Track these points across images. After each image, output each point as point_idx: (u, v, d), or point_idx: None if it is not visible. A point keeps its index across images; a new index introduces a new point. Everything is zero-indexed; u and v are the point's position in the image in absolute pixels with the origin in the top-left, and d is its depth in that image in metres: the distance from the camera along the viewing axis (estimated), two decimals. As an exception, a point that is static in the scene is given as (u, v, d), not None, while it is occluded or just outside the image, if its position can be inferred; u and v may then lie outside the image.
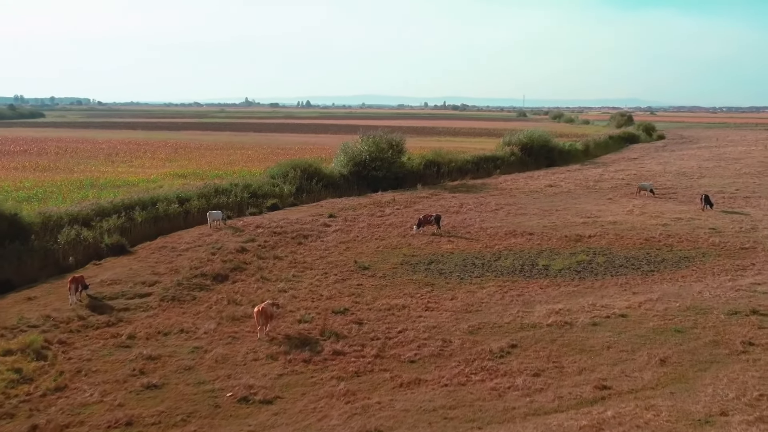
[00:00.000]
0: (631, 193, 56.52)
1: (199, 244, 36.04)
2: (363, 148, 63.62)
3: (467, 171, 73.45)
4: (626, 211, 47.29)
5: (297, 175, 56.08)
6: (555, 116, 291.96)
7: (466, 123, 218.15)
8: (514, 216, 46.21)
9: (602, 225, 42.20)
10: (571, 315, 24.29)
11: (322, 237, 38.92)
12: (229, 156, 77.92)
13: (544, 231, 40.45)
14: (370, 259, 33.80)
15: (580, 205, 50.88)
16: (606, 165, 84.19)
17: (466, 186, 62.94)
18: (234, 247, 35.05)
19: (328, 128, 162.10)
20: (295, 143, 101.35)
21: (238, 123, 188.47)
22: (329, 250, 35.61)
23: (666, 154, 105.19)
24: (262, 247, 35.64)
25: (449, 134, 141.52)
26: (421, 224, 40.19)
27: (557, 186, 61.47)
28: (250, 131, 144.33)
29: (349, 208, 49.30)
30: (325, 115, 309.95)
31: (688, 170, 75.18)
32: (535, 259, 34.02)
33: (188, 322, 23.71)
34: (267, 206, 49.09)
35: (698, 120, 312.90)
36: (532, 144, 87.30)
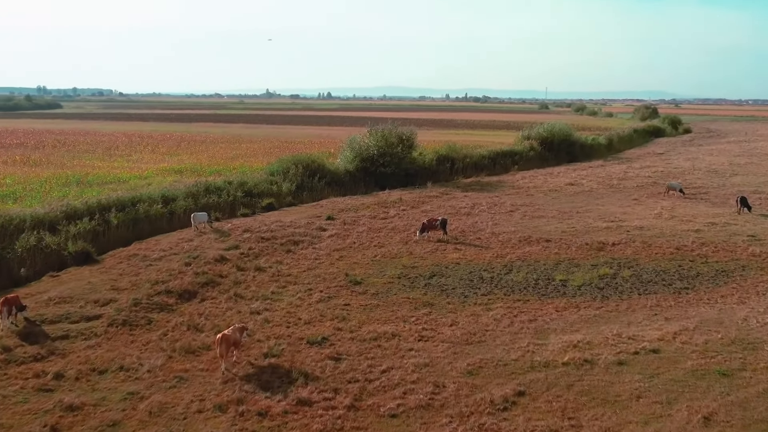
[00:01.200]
0: (658, 193, 52.19)
1: (175, 251, 32.27)
2: (371, 143, 59.65)
3: (483, 167, 69.31)
4: (654, 215, 43.02)
5: (298, 171, 52.25)
6: (577, 108, 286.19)
7: (486, 115, 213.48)
8: (530, 219, 42.10)
9: (627, 231, 37.99)
10: (593, 350, 20.22)
11: (314, 243, 35.02)
12: (234, 150, 74.24)
13: (563, 237, 36.32)
14: (364, 271, 29.87)
15: (603, 206, 46.65)
16: (630, 161, 79.54)
17: (480, 184, 58.78)
18: (213, 255, 31.23)
19: (345, 120, 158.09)
20: (306, 136, 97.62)
21: (253, 114, 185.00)
22: (320, 260, 31.70)
23: (693, 149, 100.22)
24: (245, 256, 31.79)
25: (468, 127, 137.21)
26: (425, 229, 36.23)
27: (578, 184, 57.15)
28: (264, 123, 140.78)
29: (351, 208, 45.36)
30: (345, 107, 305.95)
31: (719, 167, 70.50)
32: (552, 272, 29.95)
33: (133, 355, 19.88)
34: (262, 206, 45.28)
35: (724, 113, 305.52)
36: (552, 138, 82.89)
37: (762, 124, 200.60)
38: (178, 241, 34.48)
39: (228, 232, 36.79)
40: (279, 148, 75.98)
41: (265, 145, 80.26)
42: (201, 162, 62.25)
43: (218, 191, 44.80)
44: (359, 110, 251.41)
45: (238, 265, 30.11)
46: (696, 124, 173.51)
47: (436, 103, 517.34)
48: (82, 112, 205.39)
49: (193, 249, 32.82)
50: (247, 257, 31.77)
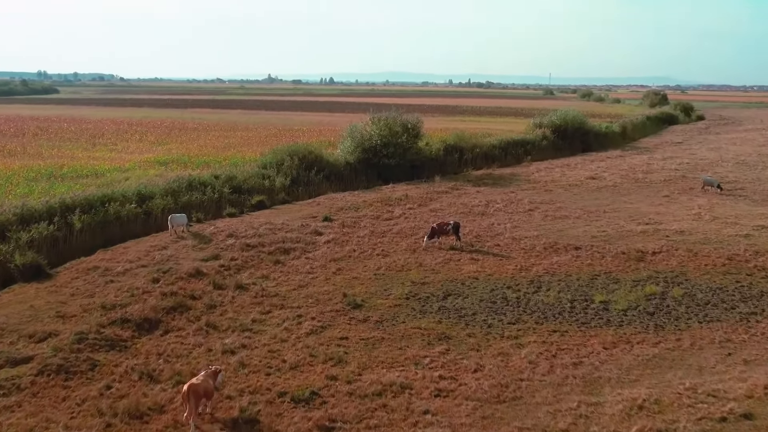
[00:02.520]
0: (690, 189, 47.37)
1: (144, 263, 27.48)
2: (373, 132, 54.68)
3: (493, 157, 64.48)
4: (692, 215, 38.17)
5: (293, 164, 47.41)
6: (584, 94, 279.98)
7: (491, 101, 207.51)
8: (552, 220, 37.27)
9: (666, 235, 33.19)
10: (665, 413, 15.45)
11: (308, 251, 30.23)
12: (227, 138, 69.22)
13: (594, 244, 31.51)
14: (365, 289, 25.10)
15: (631, 204, 41.80)
16: (650, 151, 74.53)
17: (493, 177, 53.86)
18: (188, 268, 26.45)
19: (346, 106, 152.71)
20: (306, 123, 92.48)
21: (252, 100, 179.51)
22: (313, 274, 26.90)
23: (712, 137, 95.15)
24: (225, 269, 27.02)
25: (474, 114, 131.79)
26: (434, 234, 31.46)
27: (600, 178, 52.22)
28: (263, 109, 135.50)
29: (351, 207, 40.51)
30: (347, 93, 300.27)
31: (747, 158, 65.51)
32: (588, 290, 25.18)
33: (59, 423, 15.04)
34: (251, 204, 40.44)
35: (732, 99, 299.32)
36: (566, 126, 77.99)
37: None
38: (149, 249, 29.67)
39: (209, 237, 32.00)
40: (276, 136, 70.94)
41: (262, 132, 75.22)
42: (190, 152, 57.27)
43: (202, 187, 39.98)
44: (361, 96, 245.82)
45: (216, 281, 25.28)
46: (706, 110, 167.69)
47: (440, 88, 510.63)
48: (77, 97, 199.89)
49: (166, 259, 28.02)
50: (227, 270, 26.97)
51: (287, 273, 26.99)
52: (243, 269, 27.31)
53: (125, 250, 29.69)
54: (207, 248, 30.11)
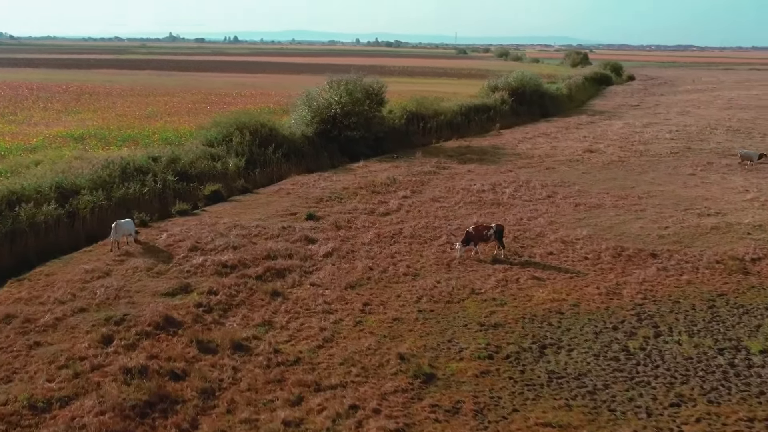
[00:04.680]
0: (708, 164, 41.22)
1: (81, 304, 18.74)
2: (332, 99, 46.08)
3: (457, 125, 56.93)
4: (749, 201, 31.93)
5: (245, 140, 38.53)
6: (500, 54, 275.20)
7: (409, 61, 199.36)
8: (586, 210, 30.20)
9: (747, 232, 26.79)
10: None
11: (309, 272, 22.06)
12: (148, 105, 58.97)
13: (669, 248, 24.74)
14: (420, 340, 17.28)
15: (660, 186, 35.18)
16: (615, 116, 68.78)
17: (473, 150, 46.35)
18: (152, 314, 17.90)
19: (264, 66, 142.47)
20: (228, 85, 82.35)
21: (161, 60, 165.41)
22: (334, 314, 18.80)
23: (664, 99, 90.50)
24: (206, 311, 18.59)
25: (403, 75, 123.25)
26: (470, 241, 23.53)
27: (598, 151, 45.42)
28: (175, 70, 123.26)
29: (331, 195, 32.33)
30: (255, 52, 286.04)
31: (732, 124, 59.98)
32: (724, 328, 18.16)
33: None
34: (204, 195, 31.59)
35: (640, 59, 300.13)
36: (524, 89, 71.40)
37: (691, 70, 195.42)
38: (85, 278, 20.78)
39: (166, 252, 23.33)
40: (205, 103, 61.27)
41: (186, 98, 65.18)
42: (109, 123, 47.28)
43: (140, 175, 30.92)
44: (272, 55, 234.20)
45: (199, 339, 16.78)
46: (630, 70, 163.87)
47: (350, 47, 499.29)
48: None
49: (114, 296, 19.27)
50: (209, 314, 18.50)
51: (296, 314, 18.69)
52: (230, 309, 18.85)
53: (49, 281, 20.70)
54: (168, 272, 21.44)
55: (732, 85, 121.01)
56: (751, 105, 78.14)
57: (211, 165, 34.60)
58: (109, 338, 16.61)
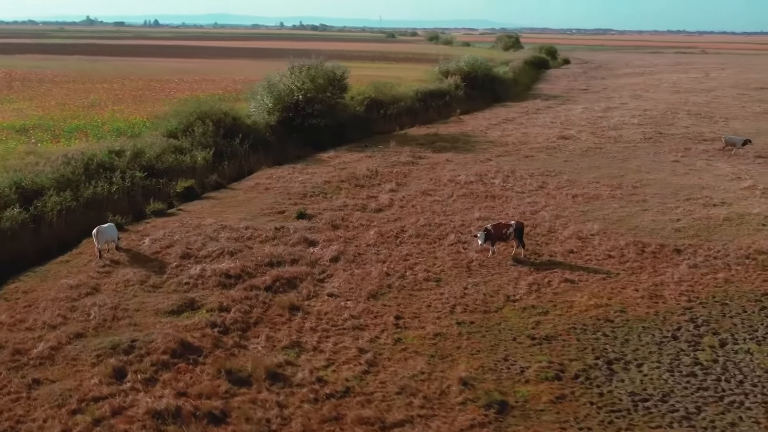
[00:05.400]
0: (686, 149, 40.35)
1: (77, 329, 16.26)
2: (294, 85, 43.63)
3: (416, 112, 55.17)
4: (745, 187, 31.03)
5: (209, 130, 35.87)
6: (431, 37, 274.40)
7: (339, 45, 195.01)
8: (585, 201, 28.96)
9: (762, 223, 25.50)
10: None
11: (321, 280, 20.02)
12: (89, 93, 55.12)
13: (689, 242, 23.76)
14: (473, 359, 15.38)
15: (648, 173, 34.25)
16: (569, 101, 68.21)
17: (442, 138, 44.67)
18: (165, 339, 15.59)
19: (195, 51, 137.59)
20: (167, 71, 78.34)
21: (86, 44, 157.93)
22: (366, 330, 16.86)
23: (608, 83, 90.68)
24: (222, 333, 16.39)
25: (336, 59, 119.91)
26: (489, 238, 21.73)
27: (572, 138, 44.29)
28: (102, 54, 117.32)
29: (316, 191, 30.14)
30: (180, 36, 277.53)
31: (690, 108, 59.81)
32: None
33: None
34: (176, 192, 28.98)
35: (564, 42, 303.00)
36: (476, 74, 69.90)
37: (620, 53, 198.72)
38: (71, 295, 18.17)
39: (155, 260, 20.83)
40: (148, 89, 57.81)
41: (127, 85, 61.44)
42: (50, 113, 43.70)
43: (106, 172, 28.04)
44: (198, 39, 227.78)
45: (229, 370, 14.54)
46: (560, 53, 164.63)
47: (277, 31, 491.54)
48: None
49: (112, 317, 16.79)
50: (227, 336, 16.27)
51: (324, 332, 16.58)
52: (249, 329, 16.61)
53: (30, 300, 18.02)
54: (164, 285, 19.00)
55: (667, 68, 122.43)
56: (697, 89, 78.59)
57: (179, 159, 31.96)
58: (122, 371, 14.20)
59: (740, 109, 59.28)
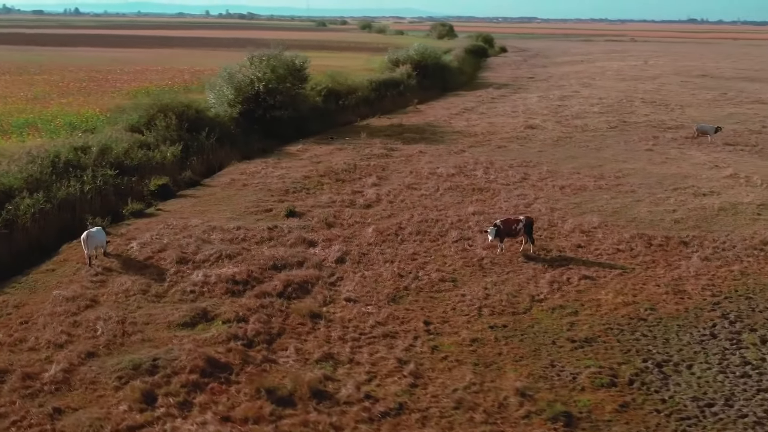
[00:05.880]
0: (654, 137, 40.45)
1: (87, 346, 14.94)
2: (255, 76, 42.17)
3: (371, 102, 54.31)
4: (727, 176, 31.20)
5: (172, 124, 34.17)
6: (363, 26, 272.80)
7: (271, 34, 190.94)
8: (574, 192, 28.72)
9: (757, 213, 25.79)
10: None
11: (332, 283, 19.10)
12: (29, 85, 52.23)
13: (692, 233, 23.57)
14: (514, 365, 14.79)
15: (625, 162, 34.29)
16: (522, 88, 68.42)
17: (408, 129, 43.92)
18: (189, 356, 14.59)
19: (126, 40, 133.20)
20: (104, 61, 75.18)
21: (7, 33, 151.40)
22: (395, 338, 15.98)
23: (553, 70, 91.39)
24: (246, 345, 15.31)
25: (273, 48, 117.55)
26: (498, 234, 20.99)
27: (539, 127, 44.03)
28: (29, 44, 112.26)
29: (298, 187, 29.02)
30: (104, 25, 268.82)
31: (645, 96, 60.34)
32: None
33: None
34: (151, 191, 27.40)
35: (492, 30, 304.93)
36: (426, 63, 69.33)
37: (552, 41, 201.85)
38: (67, 307, 16.72)
39: (149, 266, 19.40)
40: (94, 81, 55.22)
41: (70, 77, 58.48)
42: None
43: (75, 170, 26.25)
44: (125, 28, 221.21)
45: (269, 388, 13.41)
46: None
47: (203, 20, 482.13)
48: None
49: (120, 334, 15.48)
50: (252, 348, 15.15)
51: (355, 342, 15.62)
52: (275, 341, 15.49)
53: (24, 315, 16.47)
54: (168, 294, 17.67)
55: (603, 56, 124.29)
56: (642, 77, 79.69)
57: (148, 155, 30.21)
58: (151, 395, 12.91)
59: (691, 96, 60.05)
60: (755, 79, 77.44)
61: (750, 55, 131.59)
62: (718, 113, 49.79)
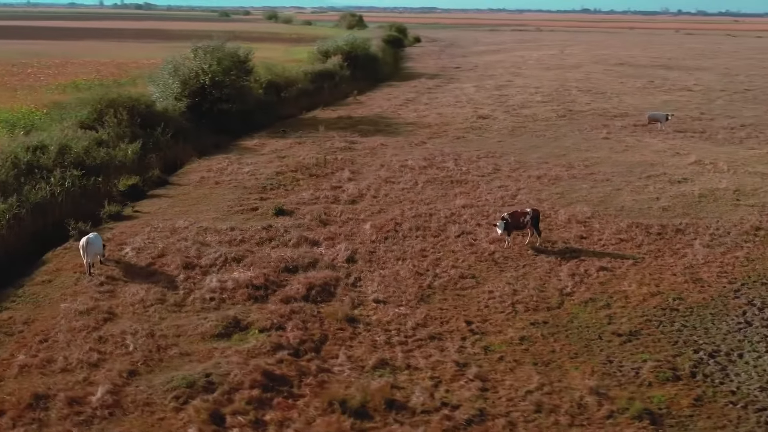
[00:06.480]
0: (603, 126, 41.10)
1: (121, 375, 13.72)
2: (200, 68, 40.67)
3: (309, 93, 53.43)
4: (692, 162, 31.90)
5: (124, 119, 32.49)
6: (269, 16, 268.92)
7: (175, 24, 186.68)
8: (551, 183, 28.96)
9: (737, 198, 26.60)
10: None
11: (353, 285, 18.43)
12: (-60, 80, 48.88)
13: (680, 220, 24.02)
14: (573, 363, 14.50)
15: (588, 151, 34.85)
16: (455, 79, 68.79)
17: (361, 121, 43.42)
18: (239, 371, 13.75)
19: (31, 32, 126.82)
20: (14, 54, 71.08)
21: None
22: (452, 344, 15.47)
23: (475, 60, 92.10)
24: (293, 355, 14.56)
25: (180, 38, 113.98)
26: (507, 227, 20.77)
27: (492, 118, 44.16)
28: None
29: (274, 183, 28.16)
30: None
31: (579, 85, 61.40)
32: None
33: None
34: (120, 191, 25.96)
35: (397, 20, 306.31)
36: (356, 53, 68.76)
37: (460, 31, 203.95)
38: (86, 322, 15.44)
39: (155, 273, 18.21)
40: (14, 75, 52.05)
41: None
42: None
43: (39, 171, 24.56)
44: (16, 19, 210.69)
45: (341, 400, 12.69)
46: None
47: (98, 10, 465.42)
48: None
49: (154, 349, 14.50)
50: (300, 358, 14.41)
51: (403, 346, 15.07)
52: (321, 349, 14.77)
53: (40, 332, 15.12)
54: (188, 302, 16.65)
55: (517, 46, 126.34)
56: (564, 65, 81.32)
57: (110, 153, 28.56)
58: (217, 414, 11.98)
59: (620, 84, 61.49)
60: (671, 67, 79.99)
61: (654, 43, 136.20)
62: (652, 101, 51.05)
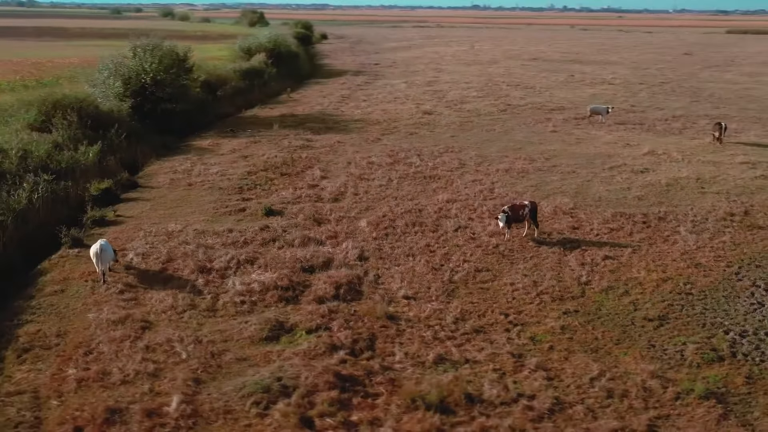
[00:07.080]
0: (546, 119, 42.47)
1: (187, 384, 13.39)
2: (142, 67, 39.55)
3: (242, 91, 52.94)
4: (645, 153, 33.24)
5: (74, 121, 31.36)
6: (165, 13, 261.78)
7: (67, 22, 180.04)
8: (520, 176, 29.68)
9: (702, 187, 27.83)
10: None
11: (378, 284, 18.41)
12: None
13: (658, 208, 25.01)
14: (619, 349, 15.00)
15: (542, 144, 35.78)
16: (380, 75, 69.13)
17: (307, 119, 43.22)
18: (321, 381, 13.52)
19: None
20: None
21: None
22: (499, 336, 15.71)
23: (392, 56, 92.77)
24: (365, 361, 14.45)
25: (79, 36, 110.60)
26: (508, 220, 21.22)
27: (437, 113, 44.71)
28: None
29: (250, 183, 27.70)
30: None
31: (506, 80, 62.74)
32: None
33: None
34: (93, 196, 25.03)
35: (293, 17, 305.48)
36: (279, 51, 68.40)
37: (362, 28, 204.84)
38: (126, 333, 14.92)
39: (172, 278, 17.77)
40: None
41: None
42: None
43: (14, 177, 23.47)
44: None
45: (422, 398, 12.69)
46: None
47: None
48: None
49: (209, 356, 14.20)
50: (358, 358, 14.32)
51: (452, 340, 15.17)
52: (373, 347, 14.74)
53: (77, 344, 14.48)
54: (219, 307, 16.33)
55: (426, 42, 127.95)
56: (481, 61, 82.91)
57: (74, 157, 27.46)
58: (304, 418, 11.81)
59: (544, 79, 63.23)
60: (582, 62, 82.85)
61: (556, 39, 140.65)
62: (581, 94, 52.76)
